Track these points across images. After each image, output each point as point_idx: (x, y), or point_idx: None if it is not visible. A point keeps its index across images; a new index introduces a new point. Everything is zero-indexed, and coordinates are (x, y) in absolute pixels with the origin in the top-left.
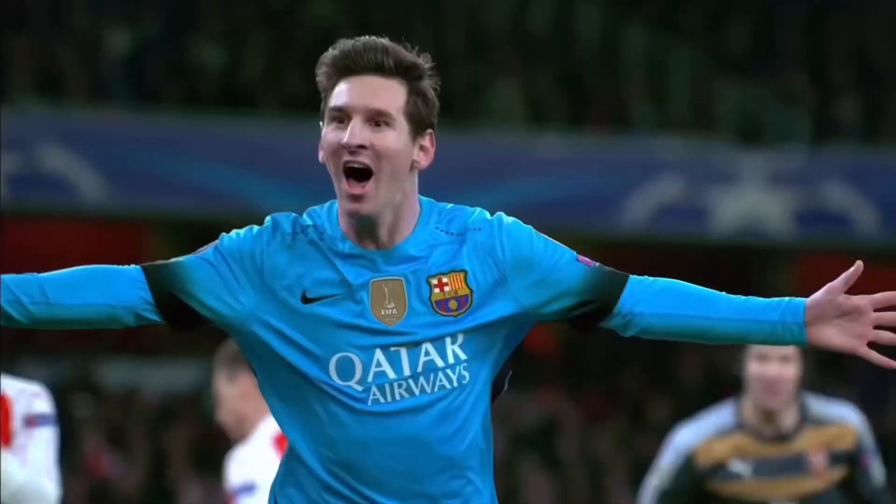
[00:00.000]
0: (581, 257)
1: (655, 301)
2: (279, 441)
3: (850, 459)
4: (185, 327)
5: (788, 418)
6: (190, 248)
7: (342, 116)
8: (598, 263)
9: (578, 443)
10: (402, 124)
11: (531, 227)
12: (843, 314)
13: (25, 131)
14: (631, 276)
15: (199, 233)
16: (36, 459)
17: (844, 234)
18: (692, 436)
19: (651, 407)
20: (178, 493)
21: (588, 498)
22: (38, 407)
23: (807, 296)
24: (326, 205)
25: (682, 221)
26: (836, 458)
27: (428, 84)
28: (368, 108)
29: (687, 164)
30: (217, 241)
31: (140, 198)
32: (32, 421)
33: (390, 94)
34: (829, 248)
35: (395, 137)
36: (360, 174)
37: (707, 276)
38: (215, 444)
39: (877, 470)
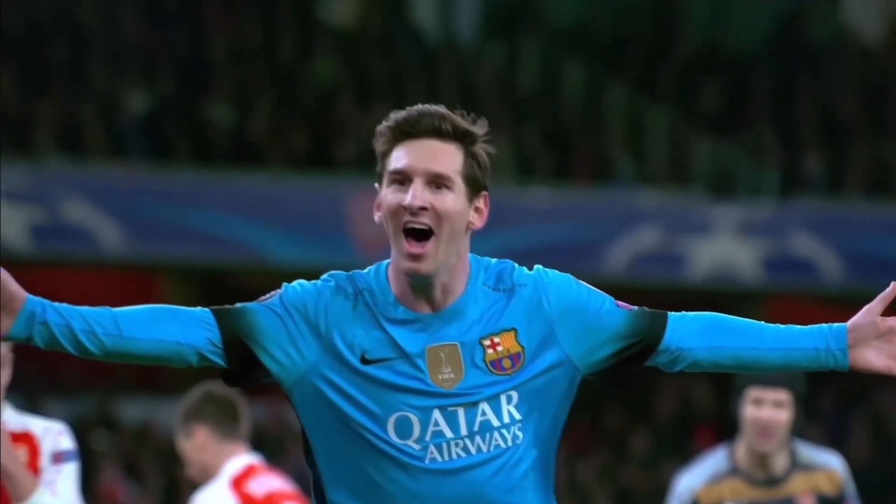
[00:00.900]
0: (619, 302)
1: (702, 335)
2: (236, 483)
3: None
4: (239, 378)
5: (780, 462)
6: (202, 292)
7: (402, 179)
8: (636, 307)
9: (564, 473)
10: (460, 186)
11: (570, 276)
12: (879, 335)
13: (49, 185)
14: (669, 313)
15: (210, 279)
16: (65, 493)
17: (810, 280)
18: (693, 481)
19: (631, 440)
20: None
21: None
22: (63, 444)
23: None
24: (371, 270)
25: (659, 268)
26: (823, 503)
27: (482, 148)
28: (429, 171)
29: (664, 215)
30: (281, 292)
31: (155, 246)
32: (59, 457)
33: (449, 158)
34: (796, 293)
35: (453, 199)
36: (420, 234)
37: None
38: None
39: None
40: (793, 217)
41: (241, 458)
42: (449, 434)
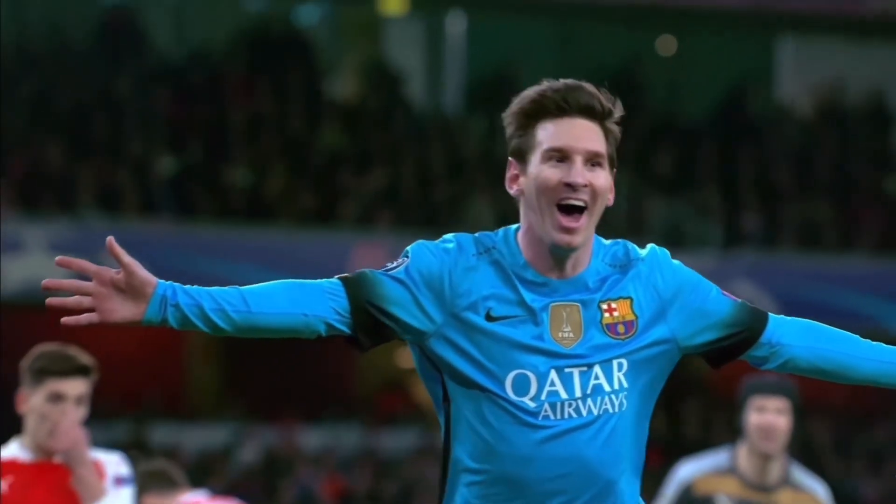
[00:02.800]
0: (724, 292)
1: (801, 334)
2: None
3: None
4: (364, 344)
5: (775, 472)
6: None
7: (561, 156)
8: (739, 299)
9: None
10: (606, 164)
11: (680, 262)
12: None
13: (89, 239)
14: (769, 313)
15: None
16: None
17: None
18: (692, 470)
19: None
20: None
21: None
22: (123, 470)
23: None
24: (500, 233)
25: None
26: None
27: (616, 125)
28: (588, 150)
29: None
30: (407, 262)
31: None
32: (120, 481)
33: (600, 137)
34: None
35: (605, 177)
36: (572, 209)
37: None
38: (244, 495)
39: None
40: (734, 267)
41: (184, 500)
42: (564, 395)
